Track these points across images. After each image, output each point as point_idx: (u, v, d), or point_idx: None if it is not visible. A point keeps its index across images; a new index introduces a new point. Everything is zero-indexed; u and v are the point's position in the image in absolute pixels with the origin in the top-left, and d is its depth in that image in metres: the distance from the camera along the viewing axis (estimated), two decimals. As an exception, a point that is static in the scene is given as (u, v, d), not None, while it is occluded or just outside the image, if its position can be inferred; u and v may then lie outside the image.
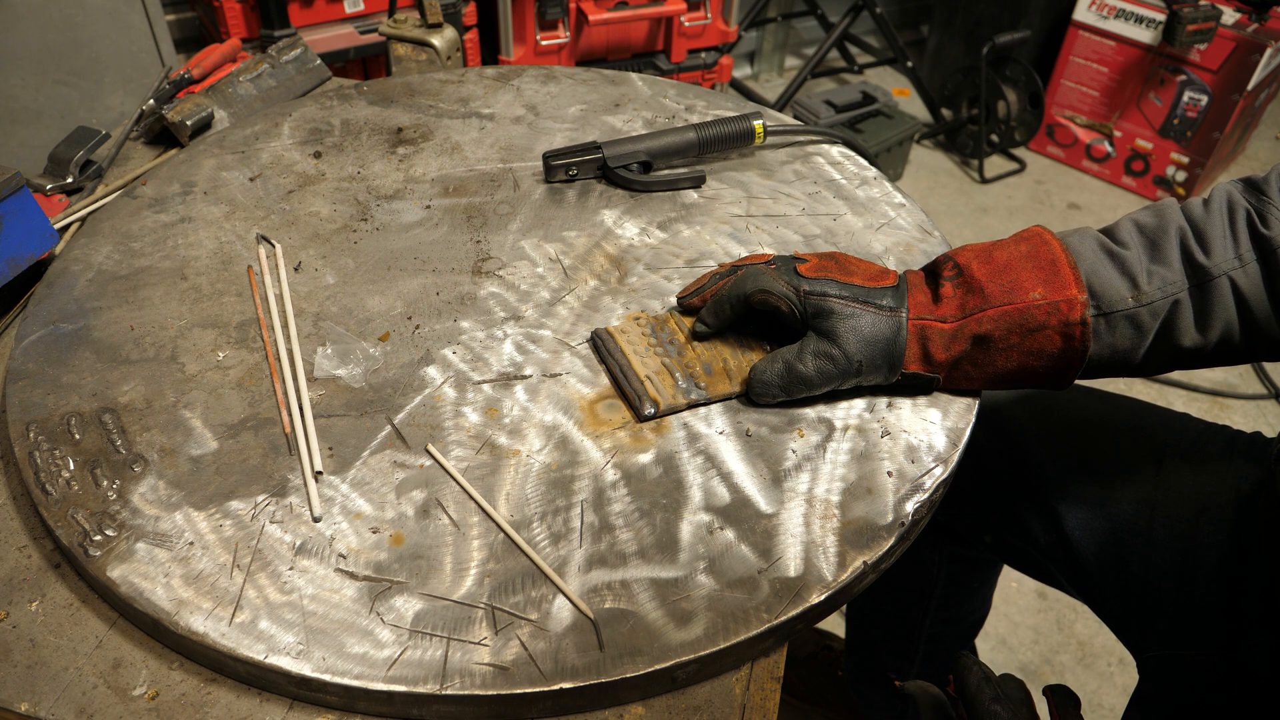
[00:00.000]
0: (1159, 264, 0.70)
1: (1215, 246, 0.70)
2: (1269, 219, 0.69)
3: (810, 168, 1.03)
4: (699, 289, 0.78)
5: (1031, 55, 3.01)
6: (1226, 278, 0.69)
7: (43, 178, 1.04)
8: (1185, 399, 2.21)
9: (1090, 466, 0.92)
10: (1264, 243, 0.69)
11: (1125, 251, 0.71)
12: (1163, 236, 0.71)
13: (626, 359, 0.76)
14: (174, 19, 2.19)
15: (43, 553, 0.66)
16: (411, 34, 1.31)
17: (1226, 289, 0.69)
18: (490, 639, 0.58)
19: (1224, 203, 0.72)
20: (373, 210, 0.95)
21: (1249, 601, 0.79)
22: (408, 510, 0.66)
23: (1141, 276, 0.69)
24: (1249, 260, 0.69)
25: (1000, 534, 0.99)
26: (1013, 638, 1.68)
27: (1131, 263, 0.70)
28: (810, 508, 0.66)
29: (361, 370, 0.77)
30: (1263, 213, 0.70)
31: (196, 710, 0.57)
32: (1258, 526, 0.81)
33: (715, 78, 2.73)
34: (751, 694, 0.60)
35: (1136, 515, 0.87)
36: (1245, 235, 0.70)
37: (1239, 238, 0.70)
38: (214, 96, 1.15)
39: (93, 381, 0.75)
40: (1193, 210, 0.73)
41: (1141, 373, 0.74)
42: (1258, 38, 2.56)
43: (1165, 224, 0.72)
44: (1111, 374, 0.74)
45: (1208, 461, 0.88)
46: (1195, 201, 0.74)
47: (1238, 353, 0.72)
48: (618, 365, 0.75)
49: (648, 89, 1.18)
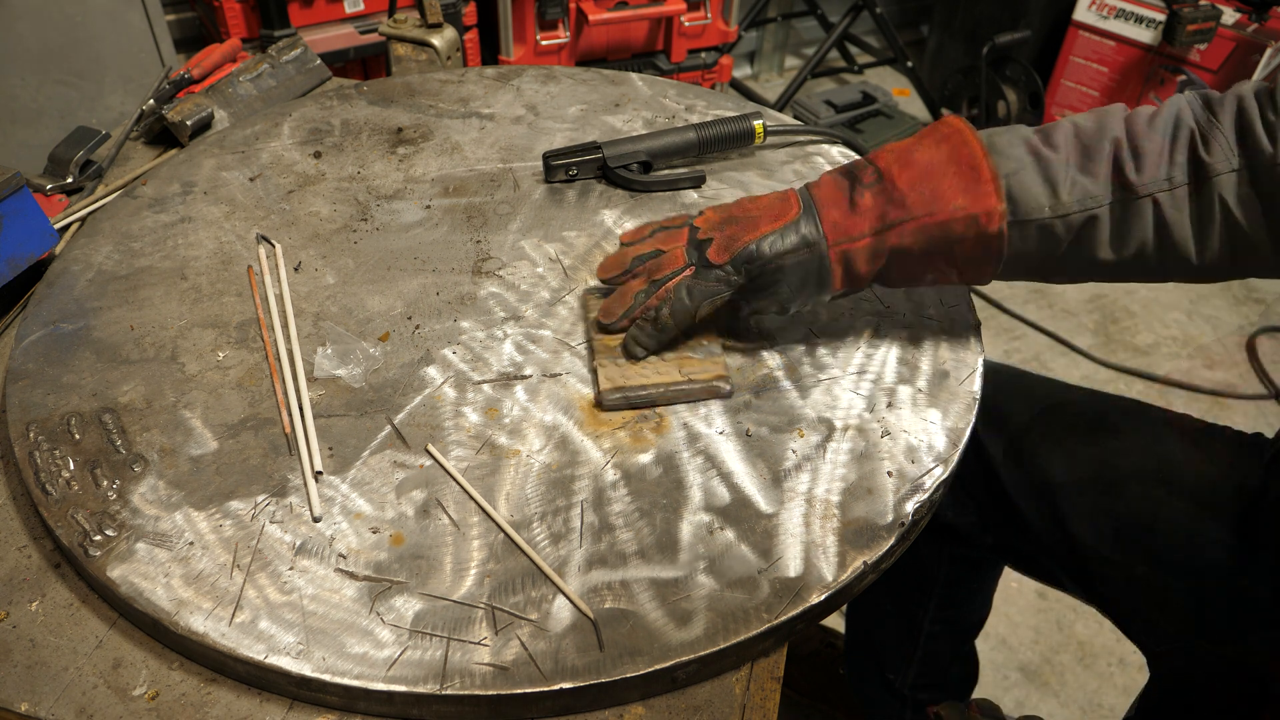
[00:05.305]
0: (1085, 174, 0.68)
1: (1148, 164, 0.68)
2: (1211, 144, 0.67)
3: (810, 168, 1.03)
4: (626, 311, 0.75)
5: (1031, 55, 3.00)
6: (1151, 199, 0.67)
7: (43, 178, 1.04)
8: (1185, 399, 2.21)
9: (1092, 466, 0.92)
10: (1201, 168, 0.67)
11: (1054, 155, 0.69)
12: (1096, 145, 0.69)
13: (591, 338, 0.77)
14: (174, 19, 2.19)
15: (43, 553, 0.66)
16: (411, 34, 1.31)
17: (1149, 210, 0.68)
18: (490, 639, 0.58)
19: (1171, 118, 0.69)
20: (373, 210, 0.95)
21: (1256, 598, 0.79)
22: (408, 510, 0.66)
23: (1064, 185, 0.68)
24: (1179, 183, 0.67)
25: (1002, 534, 0.99)
26: (1013, 638, 1.68)
27: (1056, 168, 0.68)
28: (810, 508, 0.66)
29: (361, 370, 0.76)
30: (1208, 136, 0.68)
31: (196, 710, 0.57)
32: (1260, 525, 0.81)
33: (715, 78, 2.73)
34: (752, 694, 0.60)
35: (1140, 514, 0.87)
36: (1184, 157, 0.68)
37: (1175, 158, 0.68)
38: (214, 96, 1.15)
39: (93, 381, 0.75)
40: (1136, 121, 0.70)
41: (1050, 279, 0.74)
42: (1258, 38, 2.56)
43: (1102, 132, 0.69)
44: (1020, 278, 0.73)
45: (1210, 461, 0.88)
46: (1143, 111, 0.71)
47: (1150, 271, 0.71)
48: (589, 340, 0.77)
49: (648, 89, 1.18)
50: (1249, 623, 0.80)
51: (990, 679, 1.61)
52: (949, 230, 0.68)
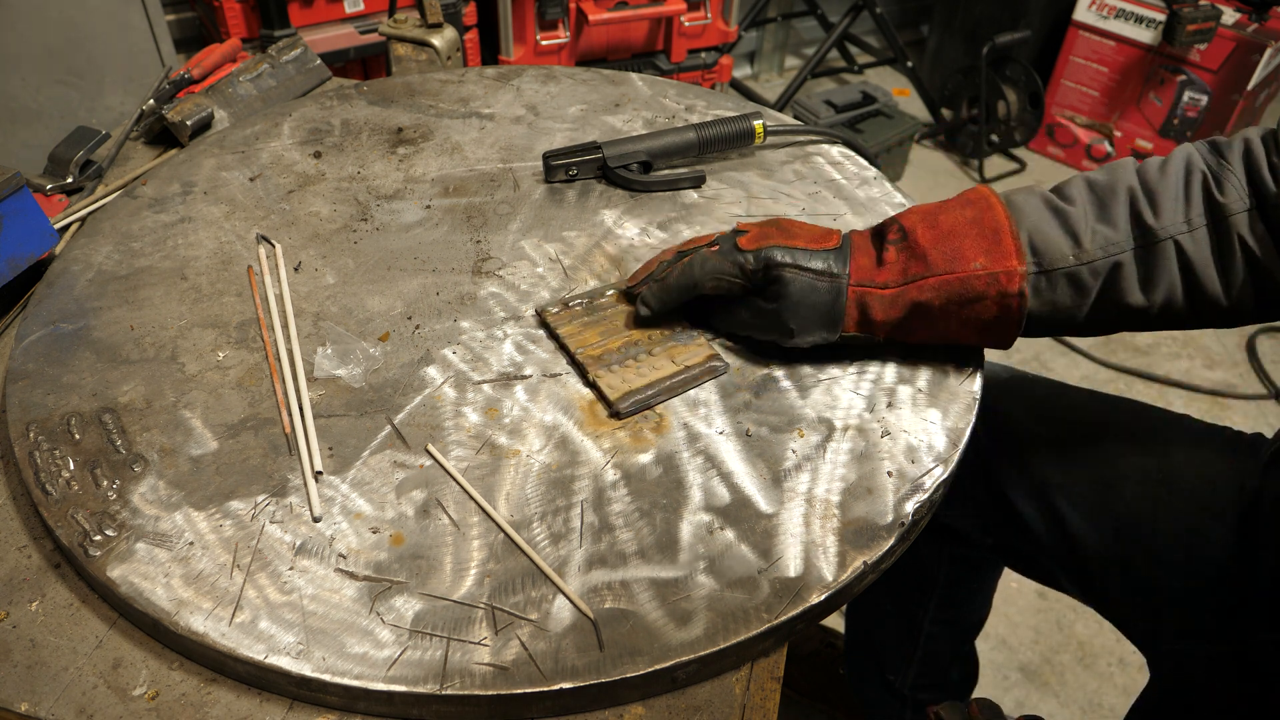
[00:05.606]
0: (1104, 223, 0.70)
1: (1165, 208, 0.70)
2: (1225, 185, 0.69)
3: (810, 168, 1.03)
4: (649, 276, 0.79)
5: (1031, 55, 3.00)
6: (1172, 241, 0.69)
7: (43, 178, 1.04)
8: (1185, 399, 2.21)
9: (1092, 466, 0.92)
10: (1217, 209, 0.69)
11: (1071, 208, 0.71)
12: (1111, 195, 0.71)
13: (580, 350, 0.77)
14: (174, 19, 2.19)
15: (43, 553, 0.66)
16: (411, 34, 1.31)
17: (1171, 252, 0.69)
18: (490, 639, 0.58)
19: (1182, 164, 0.72)
20: (373, 210, 0.95)
21: (1257, 598, 0.79)
22: (408, 510, 0.66)
23: (1085, 234, 0.70)
24: (1198, 224, 0.69)
25: (1002, 534, 0.99)
26: (1013, 638, 1.68)
27: (1076, 220, 0.70)
28: (810, 508, 0.66)
29: (361, 370, 0.76)
30: (1220, 178, 0.70)
31: (196, 710, 0.57)
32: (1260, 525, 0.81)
33: (715, 78, 2.73)
34: (752, 694, 0.60)
35: (1140, 514, 0.87)
36: (1199, 199, 0.70)
37: (1192, 201, 0.70)
38: (214, 96, 1.15)
39: (93, 381, 0.75)
40: (1148, 170, 0.72)
41: (1086, 331, 0.75)
42: (1258, 38, 2.56)
43: (1116, 183, 0.72)
44: (1057, 332, 0.74)
45: (1209, 461, 0.88)
46: (1154, 161, 0.73)
47: (1182, 317, 0.73)
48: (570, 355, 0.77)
49: (648, 89, 1.18)
50: (1249, 623, 0.80)
51: (990, 679, 1.61)
52: (969, 287, 0.69)
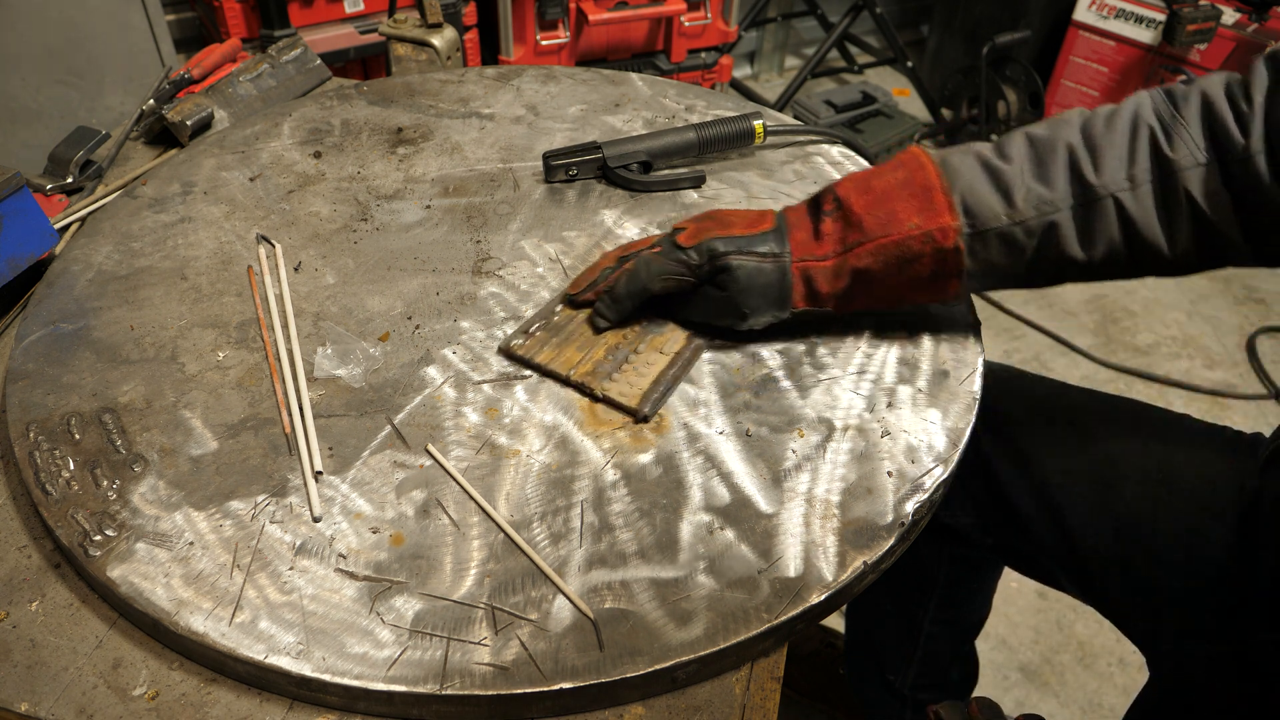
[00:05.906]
0: (1040, 181, 0.70)
1: (1108, 165, 0.69)
2: (1175, 140, 0.68)
3: (810, 168, 1.03)
4: (591, 284, 0.79)
5: (1031, 55, 3.00)
6: (1112, 199, 0.68)
7: (43, 178, 1.04)
8: (1185, 399, 2.21)
9: (1092, 466, 0.92)
10: (1165, 164, 0.68)
11: (1007, 166, 0.70)
12: (1050, 153, 0.70)
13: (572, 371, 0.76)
14: (174, 19, 2.19)
15: (43, 553, 0.66)
16: (411, 34, 1.31)
17: (1111, 209, 0.69)
18: (490, 639, 0.58)
19: (1129, 118, 0.70)
20: (373, 210, 0.95)
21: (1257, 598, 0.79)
22: (408, 510, 0.66)
23: (1018, 194, 0.69)
24: (1141, 181, 0.68)
25: (1002, 534, 0.99)
26: (1013, 638, 1.68)
27: (1010, 179, 0.70)
28: (810, 508, 0.66)
29: (361, 370, 0.76)
30: (1170, 132, 0.68)
31: (196, 710, 0.57)
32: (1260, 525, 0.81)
33: (715, 78, 2.73)
34: (752, 694, 0.60)
35: (1140, 514, 0.87)
36: (1145, 155, 0.68)
37: (1137, 157, 0.68)
38: (214, 96, 1.15)
39: (93, 381, 0.75)
40: (1094, 123, 0.71)
41: (1029, 284, 0.75)
42: (1258, 38, 2.56)
43: (1056, 139, 0.71)
44: (997, 286, 0.75)
45: (1209, 461, 0.88)
46: (1102, 111, 0.72)
47: (1124, 268, 0.72)
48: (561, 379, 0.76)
49: (648, 89, 1.18)
50: (1249, 623, 0.80)
51: (990, 679, 1.61)
52: (906, 248, 0.70)
